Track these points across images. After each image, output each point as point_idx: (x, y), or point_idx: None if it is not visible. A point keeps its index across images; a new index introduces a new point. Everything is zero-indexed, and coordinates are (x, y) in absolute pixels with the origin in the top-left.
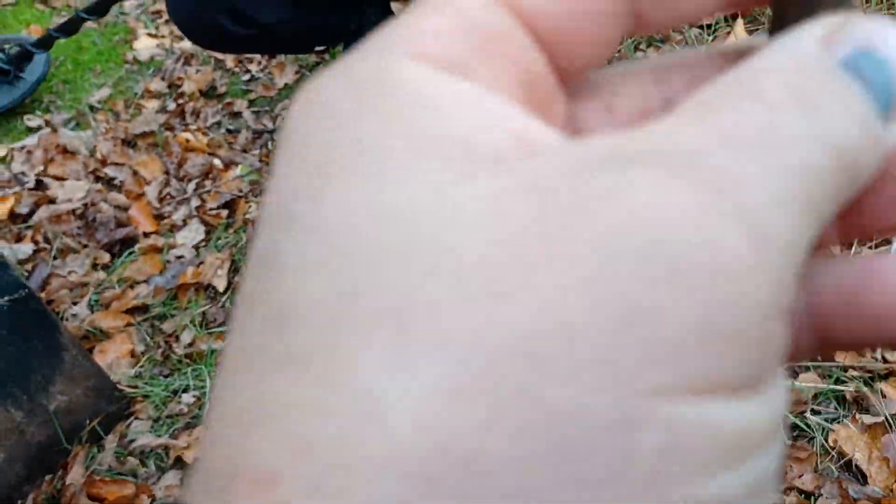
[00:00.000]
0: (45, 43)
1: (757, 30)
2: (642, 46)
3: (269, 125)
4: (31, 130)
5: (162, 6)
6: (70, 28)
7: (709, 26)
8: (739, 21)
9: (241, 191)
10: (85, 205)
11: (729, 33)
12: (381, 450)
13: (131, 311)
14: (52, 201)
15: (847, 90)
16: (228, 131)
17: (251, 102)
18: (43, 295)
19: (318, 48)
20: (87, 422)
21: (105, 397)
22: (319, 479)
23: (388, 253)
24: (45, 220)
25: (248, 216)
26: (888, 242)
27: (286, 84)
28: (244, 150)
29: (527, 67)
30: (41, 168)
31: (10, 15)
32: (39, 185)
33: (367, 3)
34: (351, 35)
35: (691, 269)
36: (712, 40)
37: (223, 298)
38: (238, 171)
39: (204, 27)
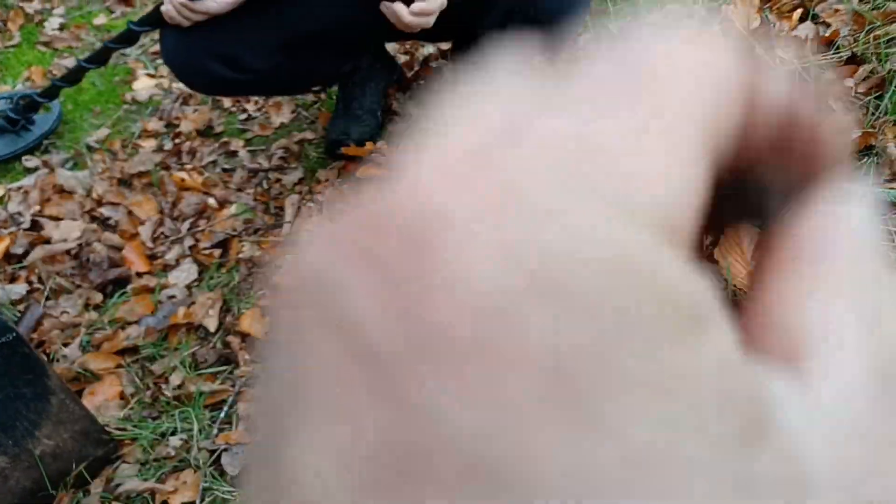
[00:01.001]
0: (51, 93)
1: None
2: None
3: (265, 164)
4: (28, 171)
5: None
6: (73, 77)
7: None
8: None
9: (234, 230)
10: (79, 245)
11: None
12: None
13: (122, 353)
14: (46, 241)
15: None
16: (224, 170)
17: (247, 141)
18: (35, 336)
19: (313, 89)
20: (74, 466)
21: (92, 441)
22: None
23: None
24: (39, 261)
25: (240, 255)
26: None
27: (282, 123)
28: (239, 189)
29: None
30: (37, 208)
31: (12, 56)
32: (35, 225)
33: (361, 47)
34: (346, 76)
35: None
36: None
37: (214, 339)
38: (233, 209)
39: (198, 73)
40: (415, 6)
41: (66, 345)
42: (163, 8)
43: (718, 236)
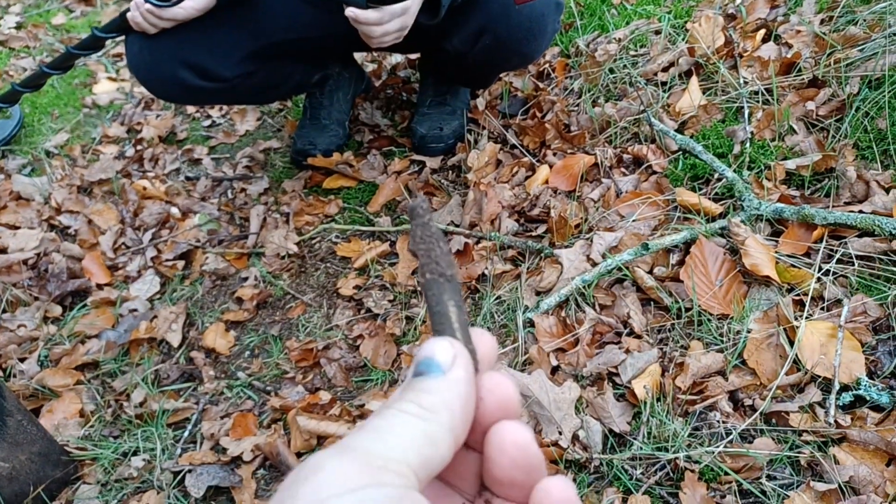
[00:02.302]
0: (11, 98)
1: (710, 86)
2: (600, 101)
3: (229, 173)
4: None
5: (122, 49)
6: (35, 82)
7: (664, 83)
8: (694, 79)
9: (198, 240)
10: (37, 255)
11: (684, 91)
12: None
13: (81, 368)
14: (2, 251)
15: (416, 381)
16: (187, 178)
17: (211, 149)
18: None
19: (280, 98)
20: (31, 489)
21: (51, 462)
22: None
23: None
24: None
25: (204, 268)
26: None
27: (247, 131)
28: (203, 199)
29: None
30: None
31: None
32: None
33: (330, 57)
34: (313, 86)
35: None
36: (668, 97)
37: (177, 354)
38: (196, 219)
39: (164, 81)
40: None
41: (22, 360)
42: (129, 14)
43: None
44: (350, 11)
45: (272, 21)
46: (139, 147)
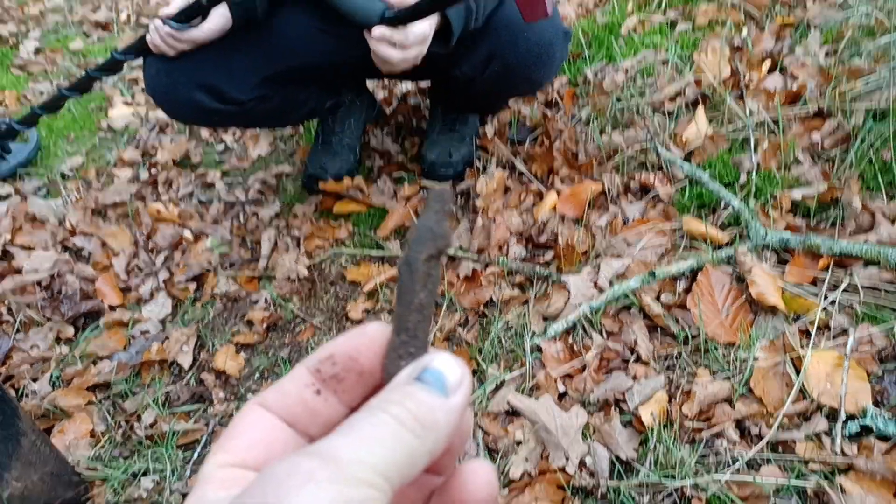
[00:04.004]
0: (29, 121)
1: (716, 116)
2: (607, 129)
3: (242, 197)
4: (0, 198)
5: (139, 74)
6: (53, 105)
7: (671, 113)
8: (700, 109)
9: (210, 263)
10: (51, 276)
11: (690, 120)
12: None
13: (93, 389)
14: (17, 272)
15: (418, 390)
16: (200, 202)
17: (224, 173)
18: (3, 370)
19: (293, 123)
20: None
21: (62, 483)
22: None
23: None
24: (9, 292)
25: (215, 290)
26: None
27: (259, 156)
28: (215, 222)
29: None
30: (8, 237)
31: None
32: (5, 254)
33: (343, 83)
34: (326, 112)
35: None
36: (675, 126)
37: (188, 376)
38: (208, 243)
39: (181, 102)
40: (390, 33)
41: (35, 380)
42: (147, 37)
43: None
44: (377, 30)
45: (288, 46)
46: (154, 171)
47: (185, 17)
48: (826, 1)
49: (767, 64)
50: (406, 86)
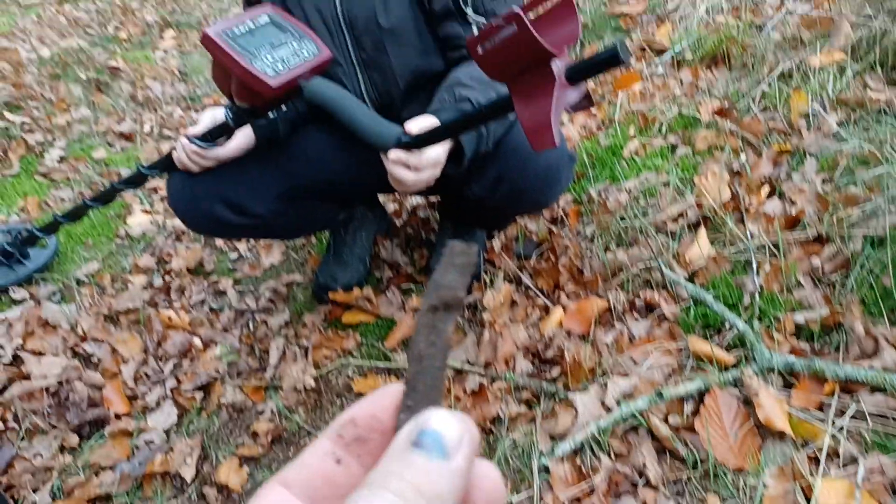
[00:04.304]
0: (51, 228)
1: (718, 238)
2: (612, 247)
3: (252, 305)
4: (15, 302)
5: (157, 183)
6: (76, 214)
7: (673, 233)
8: (702, 230)
9: (218, 372)
10: (59, 382)
11: (693, 241)
12: None
13: (94, 501)
14: (26, 377)
15: (417, 457)
16: (211, 309)
17: (236, 281)
18: (4, 479)
19: (307, 234)
20: None
21: None
22: None
23: None
24: (16, 398)
25: (222, 400)
26: None
27: (272, 264)
28: (225, 330)
29: None
30: (20, 342)
31: (9, 186)
32: (16, 359)
33: (357, 197)
34: (339, 224)
35: None
36: (678, 246)
37: (189, 490)
38: (217, 351)
39: (202, 216)
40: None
41: (35, 490)
42: (174, 154)
43: None
44: (393, 153)
45: (307, 163)
46: (167, 278)
47: (212, 137)
48: (820, 130)
49: (766, 189)
50: (416, 199)
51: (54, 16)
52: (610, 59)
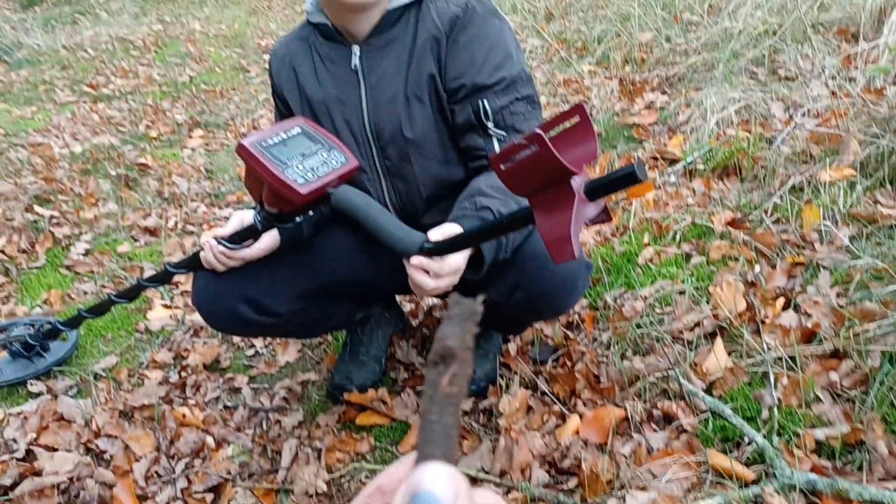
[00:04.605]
0: (75, 322)
1: (734, 349)
2: (628, 354)
3: (267, 403)
4: (32, 396)
5: (178, 277)
6: (100, 309)
7: (690, 342)
8: (719, 341)
9: (229, 472)
10: (70, 479)
11: (710, 351)
12: None
13: None
14: (37, 473)
15: None
16: (226, 407)
17: (252, 378)
18: None
19: (324, 333)
20: None
21: None
22: None
23: None
24: (26, 495)
25: (232, 502)
26: None
27: (287, 362)
28: (238, 429)
29: None
30: (33, 436)
31: (34, 278)
32: (28, 454)
33: (374, 299)
34: (356, 324)
35: None
36: (695, 356)
37: None
38: (229, 451)
39: (224, 315)
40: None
41: None
42: (202, 254)
43: None
44: (415, 259)
45: (329, 264)
46: (183, 373)
47: (240, 239)
48: (832, 244)
49: (781, 301)
50: (432, 300)
51: (88, 113)
52: (627, 177)
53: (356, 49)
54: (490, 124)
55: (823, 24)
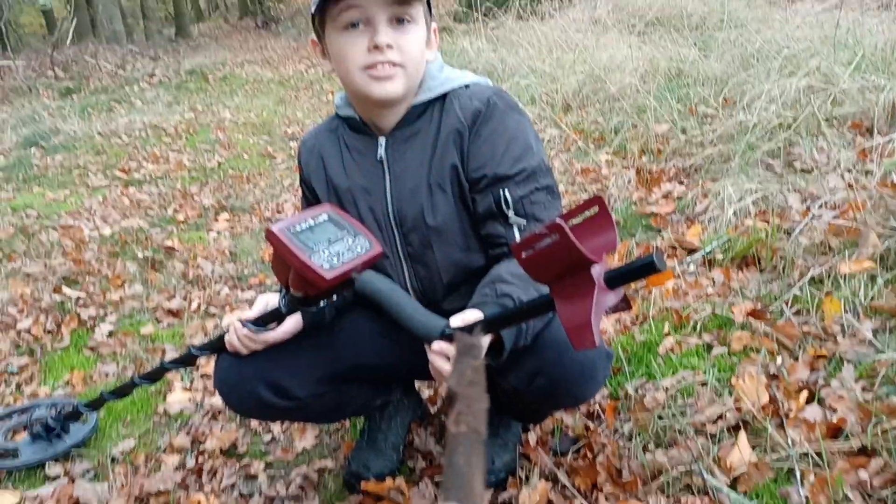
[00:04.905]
0: (97, 405)
1: (758, 443)
2: (650, 446)
3: (282, 491)
4: (49, 479)
5: (200, 361)
6: (123, 392)
7: (713, 436)
8: (742, 434)
9: None
10: None
11: (734, 444)
12: None
13: None
14: None
15: None
16: (241, 495)
17: (268, 465)
18: None
19: (342, 419)
20: None
21: None
22: None
23: None
24: None
25: None
26: None
27: (304, 448)
28: None
29: None
30: None
31: (57, 359)
32: None
33: (396, 383)
34: (374, 410)
35: None
36: (718, 449)
37: None
38: None
39: (245, 397)
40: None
41: None
42: (226, 337)
43: None
44: (436, 345)
45: (350, 347)
46: (200, 458)
47: (264, 322)
48: (855, 336)
49: (805, 394)
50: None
51: (119, 197)
52: (647, 267)
53: (382, 140)
54: (510, 213)
55: (837, 118)
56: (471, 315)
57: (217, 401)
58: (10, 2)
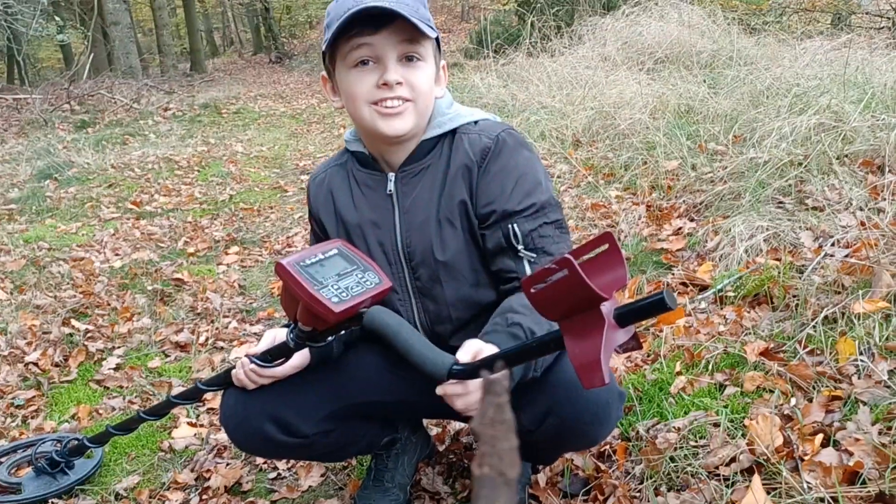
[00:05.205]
0: (102, 440)
1: (774, 486)
2: (662, 489)
3: None
4: None
5: (206, 396)
6: (128, 427)
7: (726, 478)
8: (756, 478)
9: None
10: None
11: (748, 488)
12: None
13: None
14: None
15: None
16: None
17: (273, 503)
18: None
19: (349, 457)
20: None
21: None
22: None
23: None
24: None
25: None
26: None
27: (310, 486)
28: None
29: None
30: None
31: (64, 392)
32: None
33: (403, 421)
34: (381, 448)
35: None
36: (731, 493)
37: None
38: None
39: (251, 433)
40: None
41: None
42: (234, 372)
43: None
44: (440, 389)
45: (357, 383)
46: (204, 496)
47: (272, 357)
48: (871, 377)
49: (820, 437)
50: (458, 424)
51: (130, 230)
52: (657, 305)
53: (391, 175)
54: (520, 246)
55: (848, 156)
56: (476, 346)
57: (223, 436)
58: (28, 37)
